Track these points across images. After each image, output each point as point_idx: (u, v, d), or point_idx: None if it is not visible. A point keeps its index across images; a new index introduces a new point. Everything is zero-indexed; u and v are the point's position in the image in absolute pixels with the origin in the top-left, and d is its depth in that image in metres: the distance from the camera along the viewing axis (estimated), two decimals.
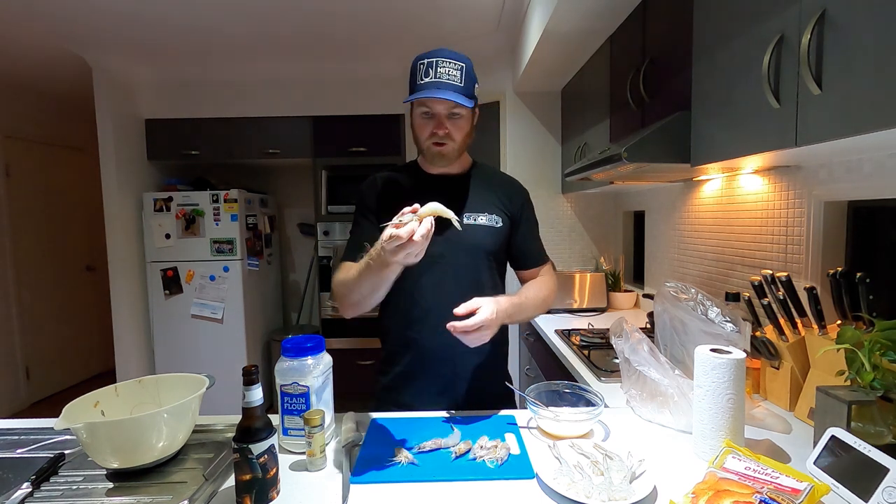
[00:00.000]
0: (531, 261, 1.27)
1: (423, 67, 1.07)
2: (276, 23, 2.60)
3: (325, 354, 0.98)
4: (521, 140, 2.94)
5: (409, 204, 1.16)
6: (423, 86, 1.07)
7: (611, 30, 1.98)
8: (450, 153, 1.15)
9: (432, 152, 1.15)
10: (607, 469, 0.82)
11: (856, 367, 0.89)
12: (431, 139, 1.13)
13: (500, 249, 1.21)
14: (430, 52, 1.09)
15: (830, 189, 1.24)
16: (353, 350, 3.40)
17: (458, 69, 1.08)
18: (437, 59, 1.07)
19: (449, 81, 1.06)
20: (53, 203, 3.87)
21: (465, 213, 1.17)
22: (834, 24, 0.81)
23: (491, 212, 1.19)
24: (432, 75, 1.06)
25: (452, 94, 1.06)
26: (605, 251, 2.95)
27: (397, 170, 1.27)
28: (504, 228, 1.20)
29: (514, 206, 1.23)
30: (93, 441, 0.83)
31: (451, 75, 1.07)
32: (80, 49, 2.88)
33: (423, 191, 1.17)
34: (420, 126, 1.14)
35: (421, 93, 1.07)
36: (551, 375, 1.90)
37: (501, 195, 1.22)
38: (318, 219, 3.42)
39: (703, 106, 1.25)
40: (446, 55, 1.08)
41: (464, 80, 1.08)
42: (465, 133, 1.15)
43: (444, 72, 1.06)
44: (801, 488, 0.70)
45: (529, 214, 1.26)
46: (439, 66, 1.06)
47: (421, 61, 1.08)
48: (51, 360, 3.81)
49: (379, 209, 1.19)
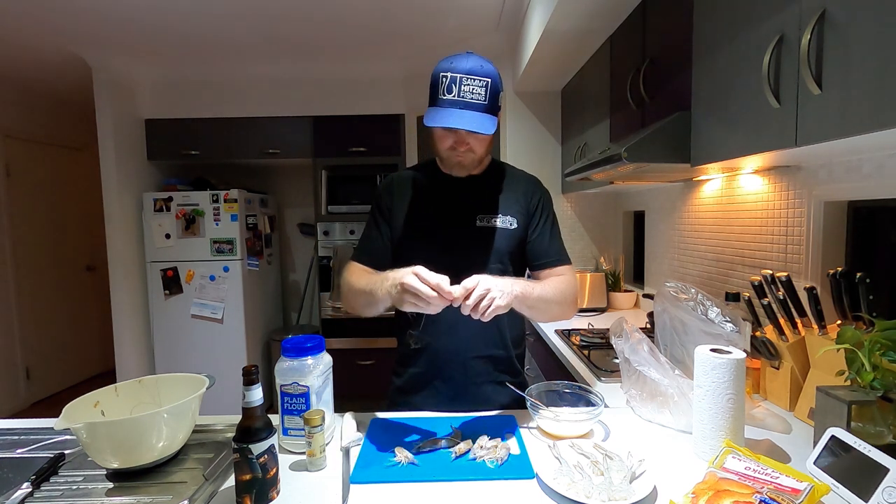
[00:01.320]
0: (547, 260, 1.18)
1: (446, 82, 1.01)
2: (277, 23, 2.60)
3: (325, 354, 0.99)
4: (521, 140, 2.93)
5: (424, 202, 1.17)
6: (445, 103, 1.01)
7: (611, 30, 1.98)
8: (469, 164, 1.13)
9: (452, 162, 1.13)
10: (607, 469, 0.82)
11: (856, 367, 0.89)
12: (452, 151, 1.10)
13: (516, 251, 1.18)
14: (454, 63, 1.02)
15: (830, 189, 1.24)
16: (353, 350, 3.40)
17: (482, 86, 1.01)
18: (461, 75, 1.00)
19: (473, 100, 1.01)
20: (53, 203, 3.87)
21: (479, 216, 1.15)
22: (834, 24, 0.81)
23: (506, 213, 1.16)
24: (455, 93, 1.00)
25: (477, 117, 1.01)
26: (605, 251, 2.95)
27: (415, 169, 1.25)
28: (519, 230, 1.17)
29: (531, 205, 1.19)
30: (93, 441, 0.83)
31: (475, 93, 1.01)
32: (80, 49, 2.88)
33: (440, 191, 1.19)
34: (440, 137, 1.10)
35: (442, 117, 1.01)
36: (551, 375, 1.90)
37: (519, 195, 1.19)
38: (318, 219, 3.42)
39: (703, 106, 1.25)
40: (470, 70, 1.01)
41: (488, 98, 1.02)
42: (487, 143, 1.13)
43: (469, 90, 1.00)
44: (801, 488, 0.70)
45: (547, 213, 1.21)
46: (463, 84, 1.00)
47: (444, 73, 1.01)
48: (51, 360, 3.81)
49: (395, 209, 1.18)
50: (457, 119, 1.00)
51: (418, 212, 1.17)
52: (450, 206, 1.17)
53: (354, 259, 1.19)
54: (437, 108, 1.02)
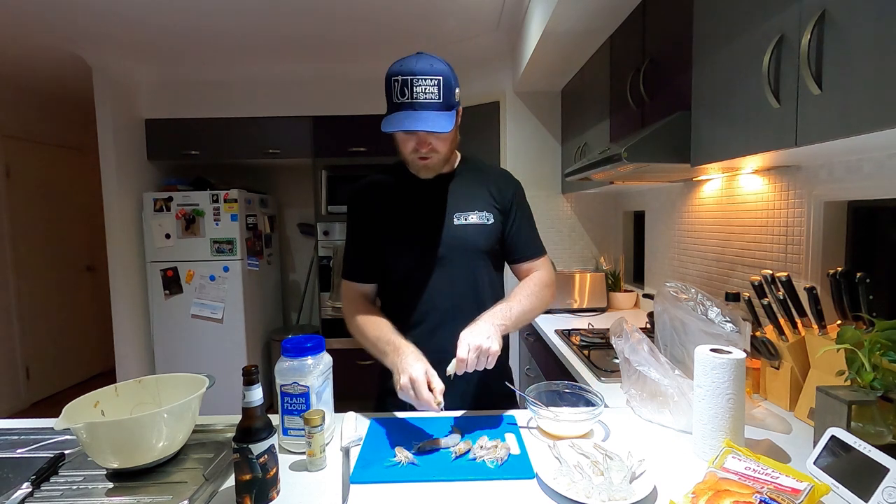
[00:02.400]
0: (524, 252, 1.21)
1: (398, 86, 1.00)
2: (276, 23, 2.60)
3: (325, 354, 0.99)
4: (521, 140, 2.93)
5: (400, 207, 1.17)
6: (399, 106, 1.01)
7: (611, 30, 1.98)
8: (435, 165, 1.13)
9: (417, 166, 1.13)
10: (607, 469, 0.82)
11: (856, 367, 0.89)
12: (415, 153, 1.10)
13: (494, 246, 1.19)
14: (403, 66, 1.01)
15: (830, 189, 1.24)
16: (353, 350, 3.37)
17: (434, 84, 1.00)
18: (412, 76, 0.99)
19: (426, 100, 1.00)
20: (53, 203, 3.87)
21: (456, 214, 1.16)
22: (834, 24, 0.81)
23: (481, 209, 1.17)
24: (408, 95, 1.00)
25: (432, 116, 1.00)
26: (605, 251, 2.95)
27: (385, 171, 1.24)
28: (496, 224, 1.18)
29: (505, 199, 1.20)
30: (93, 441, 0.83)
31: (428, 93, 1.00)
32: (80, 49, 2.88)
33: (414, 193, 1.18)
34: (402, 141, 1.09)
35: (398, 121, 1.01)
36: (551, 375, 1.90)
37: (492, 189, 1.20)
38: (318, 219, 3.42)
39: (703, 106, 1.25)
40: (421, 70, 1.00)
41: (442, 95, 1.01)
42: (450, 141, 1.12)
43: (420, 90, 0.99)
44: (801, 488, 0.70)
45: (521, 205, 1.22)
46: (415, 86, 0.99)
47: (395, 77, 1.01)
48: (51, 360, 3.81)
49: (371, 214, 1.18)
50: (412, 121, 1.00)
51: (396, 216, 1.17)
52: (426, 208, 1.17)
53: (347, 278, 1.21)
54: (393, 113, 1.02)
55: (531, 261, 1.22)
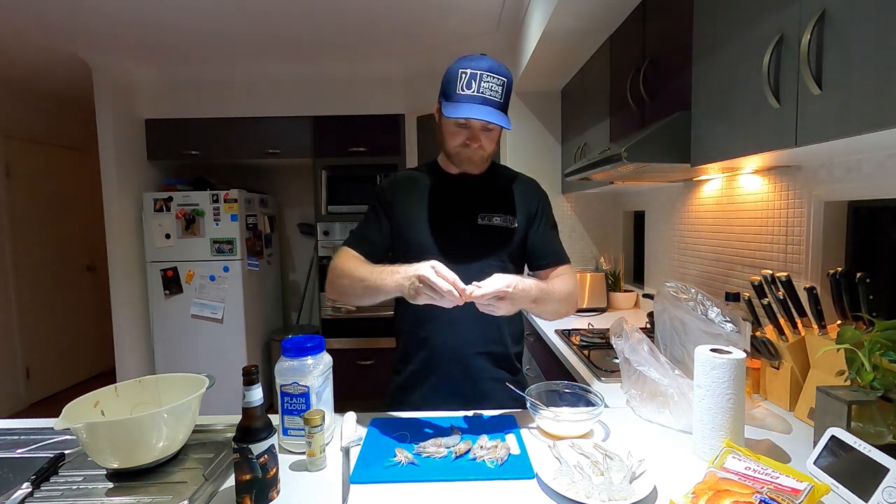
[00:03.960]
0: (547, 259, 1.21)
1: (466, 78, 1.04)
2: (277, 23, 2.60)
3: (325, 354, 0.99)
4: (521, 140, 2.93)
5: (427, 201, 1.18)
6: (465, 98, 1.04)
7: (611, 30, 1.98)
8: (480, 160, 1.16)
9: (462, 157, 1.14)
10: (607, 469, 0.82)
11: (856, 367, 0.89)
12: (463, 147, 1.12)
13: (516, 249, 1.20)
14: (474, 61, 1.05)
15: (830, 189, 1.24)
16: (353, 350, 3.40)
17: (500, 85, 1.04)
18: (482, 72, 1.03)
19: (491, 97, 1.04)
20: (53, 203, 3.87)
21: (481, 214, 1.17)
22: (834, 24, 0.81)
23: (507, 212, 1.19)
24: (475, 88, 1.03)
25: (496, 113, 1.04)
26: (605, 251, 2.95)
27: (418, 169, 1.27)
28: (520, 229, 1.19)
29: (531, 206, 1.22)
30: (93, 441, 0.83)
31: (493, 91, 1.04)
32: (80, 49, 2.88)
33: (442, 190, 1.20)
34: (452, 133, 1.12)
35: (464, 109, 1.03)
36: (551, 375, 1.90)
37: (519, 195, 1.22)
38: (318, 219, 3.42)
39: (703, 106, 1.25)
40: (491, 68, 1.04)
41: (504, 97, 1.06)
42: (496, 142, 1.16)
43: (488, 87, 1.03)
44: (801, 488, 0.70)
45: (546, 214, 1.24)
46: (483, 81, 1.03)
47: (463, 70, 1.04)
48: (51, 360, 3.81)
49: (396, 206, 1.19)
50: (479, 112, 1.03)
51: (420, 209, 1.19)
52: (451, 205, 1.19)
53: (349, 245, 1.19)
54: (457, 103, 1.04)
55: (553, 268, 1.20)
